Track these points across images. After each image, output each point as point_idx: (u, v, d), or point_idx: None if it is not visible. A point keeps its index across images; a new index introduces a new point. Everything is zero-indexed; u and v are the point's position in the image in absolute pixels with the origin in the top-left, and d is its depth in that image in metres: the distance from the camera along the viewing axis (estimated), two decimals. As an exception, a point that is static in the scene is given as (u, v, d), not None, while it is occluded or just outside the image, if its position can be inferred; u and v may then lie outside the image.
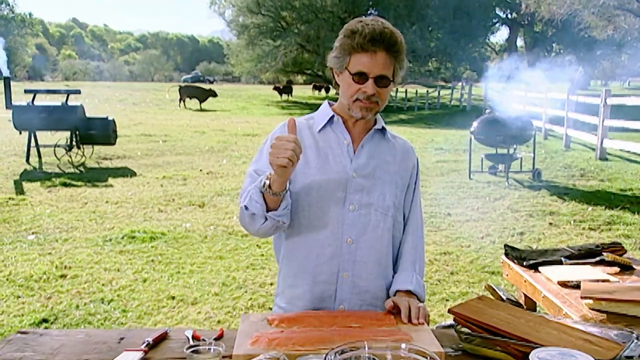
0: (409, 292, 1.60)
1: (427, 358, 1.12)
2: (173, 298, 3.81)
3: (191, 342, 1.29)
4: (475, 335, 1.38)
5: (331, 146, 1.61)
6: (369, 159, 1.62)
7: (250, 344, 1.26)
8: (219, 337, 1.36)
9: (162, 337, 1.34)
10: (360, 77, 1.51)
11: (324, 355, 1.17)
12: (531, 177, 8.12)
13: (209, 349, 1.21)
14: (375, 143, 1.65)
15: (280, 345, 1.25)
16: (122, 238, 5.10)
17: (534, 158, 8.28)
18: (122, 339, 1.33)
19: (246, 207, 1.49)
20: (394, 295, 1.60)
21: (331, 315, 1.47)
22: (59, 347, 1.26)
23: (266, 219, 1.48)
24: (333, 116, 1.63)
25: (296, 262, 1.61)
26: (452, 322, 2.86)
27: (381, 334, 1.34)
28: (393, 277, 1.67)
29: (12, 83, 9.45)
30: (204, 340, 1.29)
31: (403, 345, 1.21)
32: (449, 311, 1.48)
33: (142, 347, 1.26)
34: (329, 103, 1.69)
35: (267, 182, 1.44)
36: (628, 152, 9.85)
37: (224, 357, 1.21)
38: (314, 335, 1.31)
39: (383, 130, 1.67)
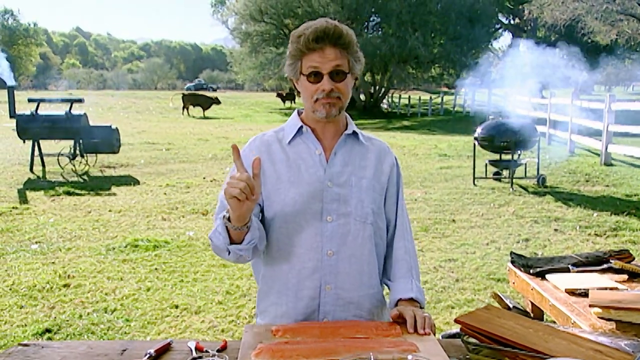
0: (411, 300, 1.57)
1: (434, 369, 1.10)
2: (177, 307, 3.79)
3: (194, 354, 1.28)
4: (482, 346, 1.36)
5: (303, 157, 1.57)
6: (343, 166, 1.58)
7: (254, 355, 1.24)
8: (223, 349, 1.34)
9: (165, 349, 1.32)
10: (315, 76, 1.49)
11: (330, 366, 1.16)
12: (536, 182, 8.08)
13: (212, 361, 1.19)
14: (348, 149, 1.61)
15: (285, 356, 1.23)
16: (126, 247, 5.09)
17: (538, 164, 8.25)
18: (124, 350, 1.31)
19: (211, 239, 1.48)
20: (396, 304, 1.58)
21: (336, 325, 1.45)
22: (60, 360, 1.25)
23: (229, 252, 1.46)
24: (302, 127, 1.59)
25: (278, 279, 1.58)
26: (458, 330, 2.83)
27: (387, 344, 1.32)
28: (387, 285, 1.65)
29: (16, 92, 9.49)
30: (207, 351, 1.28)
31: (409, 357, 1.19)
32: (456, 321, 1.46)
33: (145, 359, 1.25)
34: (298, 112, 1.66)
35: (227, 215, 1.41)
36: (633, 157, 9.80)
37: (227, 368, 1.20)
38: (319, 347, 1.29)
39: (355, 134, 1.63)
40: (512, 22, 30.85)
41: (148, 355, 1.26)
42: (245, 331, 1.39)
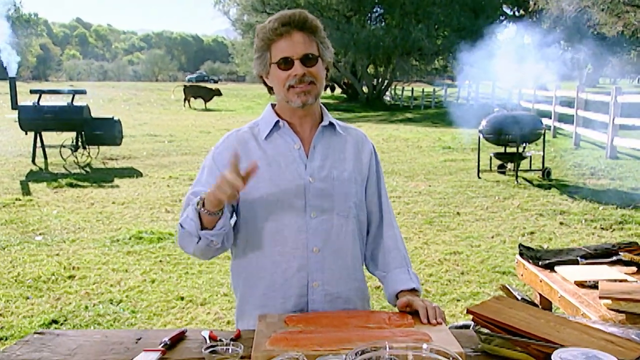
0: (413, 290, 1.56)
1: (449, 358, 1.10)
2: (182, 299, 3.80)
3: (208, 343, 1.28)
4: (495, 336, 1.36)
5: (281, 153, 1.54)
6: (323, 160, 1.55)
7: (268, 344, 1.25)
8: (237, 338, 1.34)
9: (180, 338, 1.33)
10: (286, 62, 1.46)
11: (344, 355, 1.16)
12: (541, 175, 8.05)
13: (227, 349, 1.19)
14: (326, 141, 1.58)
15: (299, 345, 1.23)
16: (130, 239, 5.10)
17: (543, 157, 8.22)
18: (139, 339, 1.32)
19: (181, 225, 1.45)
20: (396, 295, 1.56)
21: (348, 315, 1.46)
22: (77, 348, 1.26)
23: (200, 238, 1.42)
24: (278, 121, 1.56)
25: (263, 281, 1.54)
26: (465, 322, 2.83)
27: (400, 334, 1.32)
28: (380, 276, 1.64)
29: (16, 83, 9.48)
30: (221, 340, 1.28)
31: (424, 346, 1.18)
32: (468, 311, 1.46)
33: (160, 347, 1.25)
34: (272, 105, 1.62)
35: (202, 200, 1.38)
36: (639, 150, 9.72)
37: (242, 357, 1.20)
38: (333, 336, 1.29)
39: (332, 124, 1.60)
40: (516, 13, 30.64)
41: (163, 344, 1.26)
42: (259, 320, 1.40)
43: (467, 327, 2.59)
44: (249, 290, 1.59)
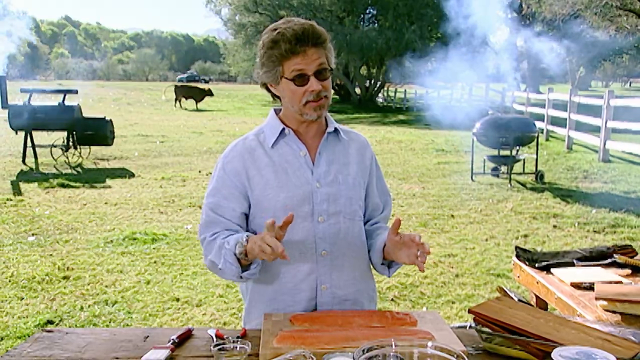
0: None
1: (453, 356, 1.12)
2: (177, 299, 3.79)
3: (215, 341, 1.29)
4: (495, 335, 1.38)
5: (288, 160, 1.57)
6: (329, 165, 1.59)
7: (276, 341, 1.26)
8: (242, 336, 1.36)
9: (187, 336, 1.35)
10: (302, 78, 1.47)
11: (352, 353, 1.17)
12: (534, 179, 8.08)
13: (235, 346, 1.21)
14: (331, 147, 1.62)
15: (306, 343, 1.25)
16: (124, 239, 5.07)
17: (536, 160, 8.22)
18: (147, 337, 1.34)
19: (219, 267, 1.48)
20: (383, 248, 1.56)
21: (352, 314, 1.48)
22: (86, 345, 1.27)
23: (241, 277, 1.47)
24: (284, 129, 1.58)
25: (272, 286, 1.57)
26: (461, 324, 2.85)
27: (404, 333, 1.34)
28: (373, 245, 1.64)
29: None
30: (228, 338, 1.29)
31: (430, 344, 1.20)
32: (470, 311, 1.48)
33: (169, 345, 1.26)
34: (275, 112, 1.64)
35: (244, 250, 1.41)
36: (631, 154, 9.75)
37: (249, 355, 1.22)
38: (339, 335, 1.31)
39: (336, 130, 1.63)
40: (509, 16, 30.89)
41: (171, 341, 1.27)
42: (265, 319, 1.41)
43: (462, 328, 2.61)
44: (257, 294, 1.61)
